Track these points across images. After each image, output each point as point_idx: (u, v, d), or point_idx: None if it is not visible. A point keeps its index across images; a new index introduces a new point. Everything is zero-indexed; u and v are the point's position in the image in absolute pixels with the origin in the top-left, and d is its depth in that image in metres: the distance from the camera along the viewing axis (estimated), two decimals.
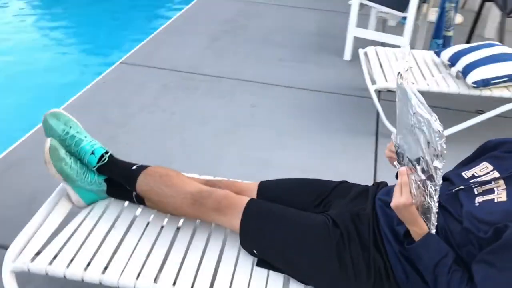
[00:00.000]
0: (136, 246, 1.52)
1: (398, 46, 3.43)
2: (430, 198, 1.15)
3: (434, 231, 1.19)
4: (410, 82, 1.19)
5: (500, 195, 1.24)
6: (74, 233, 1.56)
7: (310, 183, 1.64)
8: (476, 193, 1.29)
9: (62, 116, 1.66)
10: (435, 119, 1.07)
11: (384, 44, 3.62)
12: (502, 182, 1.27)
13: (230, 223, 1.52)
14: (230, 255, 1.51)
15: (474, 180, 1.33)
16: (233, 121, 2.90)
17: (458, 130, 2.69)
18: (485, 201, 1.26)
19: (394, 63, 2.86)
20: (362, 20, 3.77)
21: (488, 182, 1.29)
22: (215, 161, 2.51)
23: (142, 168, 1.62)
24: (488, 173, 1.33)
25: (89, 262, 1.45)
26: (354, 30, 3.66)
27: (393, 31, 3.84)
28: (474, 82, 2.52)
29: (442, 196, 1.26)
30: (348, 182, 1.65)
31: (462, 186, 1.32)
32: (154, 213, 1.66)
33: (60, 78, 3.76)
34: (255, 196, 1.63)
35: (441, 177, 1.10)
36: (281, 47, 3.96)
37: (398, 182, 1.24)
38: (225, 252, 1.53)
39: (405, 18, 3.45)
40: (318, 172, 2.44)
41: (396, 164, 1.37)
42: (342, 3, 4.93)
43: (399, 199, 1.22)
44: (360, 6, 3.61)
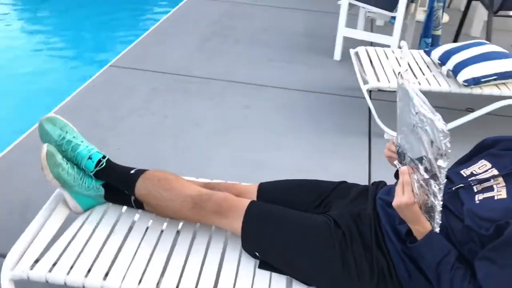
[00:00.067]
0: (136, 251, 1.50)
1: (387, 46, 3.45)
2: (434, 197, 1.15)
3: (438, 230, 1.20)
4: (411, 82, 1.19)
5: (500, 192, 1.26)
6: (72, 239, 1.54)
7: (309, 184, 1.64)
8: (475, 190, 1.30)
9: (58, 121, 1.64)
10: (439, 119, 1.08)
11: (373, 43, 3.64)
12: (501, 180, 1.29)
13: (231, 226, 1.51)
14: (231, 258, 1.50)
15: (473, 178, 1.34)
16: (225, 122, 2.89)
17: (449, 128, 2.70)
18: (485, 198, 1.27)
19: (385, 63, 2.87)
20: (351, 20, 3.79)
21: (487, 179, 1.30)
22: (208, 163, 2.50)
23: (141, 172, 1.60)
24: (486, 170, 1.34)
25: (89, 269, 1.43)
26: (343, 30, 3.67)
27: (381, 31, 3.87)
28: (465, 81, 2.55)
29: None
30: (347, 182, 1.66)
31: (461, 184, 1.33)
32: (153, 217, 1.65)
33: (48, 82, 3.71)
34: (255, 198, 1.62)
35: (445, 176, 1.10)
36: (270, 48, 3.96)
37: (400, 181, 1.25)
38: (226, 255, 1.52)
39: (394, 18, 3.47)
40: (313, 172, 2.44)
41: (396, 163, 1.37)
42: (328, 4, 4.96)
43: (401, 198, 1.22)
44: (349, 6, 3.63)
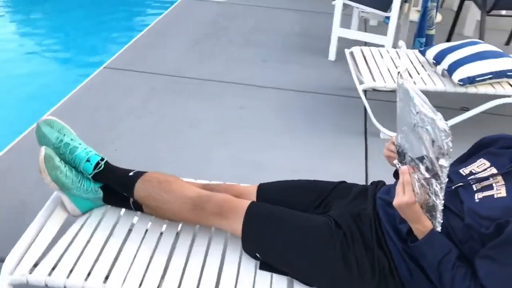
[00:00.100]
0: (136, 254, 1.50)
1: (382, 46, 3.47)
2: (436, 196, 1.15)
3: (439, 229, 1.20)
4: (412, 81, 1.20)
5: (499, 191, 1.26)
6: (71, 242, 1.52)
7: (309, 185, 1.64)
8: (475, 189, 1.31)
9: (55, 123, 1.63)
10: (440, 118, 1.08)
11: (367, 43, 3.65)
12: (500, 178, 1.29)
13: (231, 227, 1.51)
14: (232, 259, 1.50)
15: (472, 176, 1.34)
16: (221, 123, 2.88)
17: None
18: (485, 197, 1.27)
19: (380, 63, 2.88)
20: (344, 20, 3.79)
21: (486, 178, 1.31)
22: (206, 164, 2.49)
23: (140, 174, 1.60)
24: (485, 169, 1.34)
25: (89, 272, 1.42)
26: (338, 30, 3.68)
27: (374, 31, 3.88)
28: (460, 80, 2.56)
29: None
30: (346, 183, 1.66)
31: (461, 183, 1.33)
32: (152, 219, 1.64)
33: (43, 84, 3.69)
34: (255, 199, 1.62)
35: (446, 175, 1.11)
36: (264, 48, 3.96)
37: (400, 181, 1.25)
38: (227, 256, 1.52)
39: (388, 18, 3.48)
40: (310, 172, 2.43)
41: (396, 163, 1.37)
42: (321, 4, 4.97)
43: (402, 198, 1.22)
44: (343, 6, 3.63)
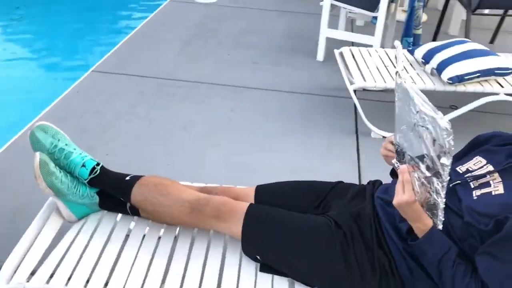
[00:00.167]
0: (135, 259, 1.48)
1: (370, 46, 3.49)
2: (437, 194, 1.16)
3: (441, 227, 1.21)
4: (410, 81, 1.20)
5: (497, 188, 1.27)
6: (68, 249, 1.50)
7: (307, 185, 1.64)
8: (472, 187, 1.32)
9: (49, 129, 1.60)
10: (441, 117, 1.09)
11: (354, 43, 3.67)
12: (497, 175, 1.30)
13: (230, 230, 1.50)
14: (232, 262, 1.49)
15: (469, 174, 1.35)
16: (212, 125, 2.87)
17: None
18: (482, 194, 1.28)
19: (370, 62, 2.90)
20: (331, 21, 3.81)
21: (483, 175, 1.32)
22: (200, 167, 2.48)
23: (136, 178, 1.58)
24: (482, 167, 1.35)
25: (88, 279, 1.40)
26: (326, 31, 3.69)
27: (361, 31, 3.90)
28: (449, 79, 2.58)
29: None
30: (344, 182, 1.66)
31: (458, 181, 1.34)
32: (149, 224, 1.62)
33: (29, 89, 3.63)
34: (253, 201, 1.62)
35: (448, 173, 1.11)
36: (253, 50, 3.96)
37: (400, 180, 1.25)
38: (226, 259, 1.51)
39: (375, 18, 3.50)
40: (304, 173, 2.44)
41: (395, 162, 1.38)
42: (309, 5, 4.98)
43: (402, 197, 1.23)
44: (330, 7, 3.65)
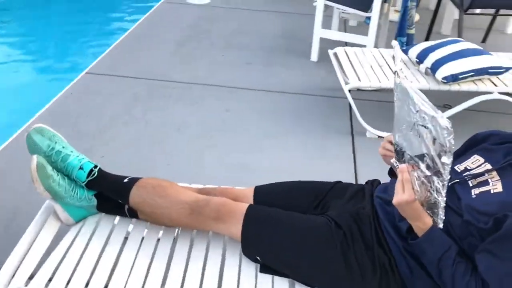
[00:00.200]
0: (134, 262, 1.47)
1: (363, 46, 3.50)
2: (438, 193, 1.16)
3: (441, 225, 1.21)
4: (409, 80, 1.21)
5: (495, 186, 1.28)
6: (67, 252, 1.49)
7: (305, 186, 1.64)
8: (471, 185, 1.32)
9: (46, 131, 1.59)
10: (442, 116, 1.09)
11: (347, 43, 3.68)
12: (495, 174, 1.31)
13: (229, 231, 1.50)
14: (232, 264, 1.49)
15: (468, 173, 1.36)
16: (207, 126, 2.87)
17: None
18: (481, 192, 1.29)
19: (364, 62, 2.91)
20: (325, 21, 3.81)
21: (481, 174, 1.32)
22: (197, 168, 2.47)
23: (134, 180, 1.57)
24: (480, 165, 1.36)
25: (87, 283, 1.39)
26: (320, 31, 3.70)
27: (354, 31, 3.91)
28: (443, 78, 2.60)
29: None
30: (342, 182, 1.66)
31: (457, 180, 1.35)
32: (148, 226, 1.61)
33: (22, 92, 3.60)
34: (252, 201, 1.61)
35: (449, 172, 1.12)
36: (247, 51, 3.96)
37: (399, 179, 1.25)
38: (226, 260, 1.50)
39: (369, 18, 3.52)
40: (300, 173, 2.41)
41: (394, 161, 1.38)
42: (303, 5, 4.99)
43: (402, 196, 1.23)
44: (323, 7, 3.66)
